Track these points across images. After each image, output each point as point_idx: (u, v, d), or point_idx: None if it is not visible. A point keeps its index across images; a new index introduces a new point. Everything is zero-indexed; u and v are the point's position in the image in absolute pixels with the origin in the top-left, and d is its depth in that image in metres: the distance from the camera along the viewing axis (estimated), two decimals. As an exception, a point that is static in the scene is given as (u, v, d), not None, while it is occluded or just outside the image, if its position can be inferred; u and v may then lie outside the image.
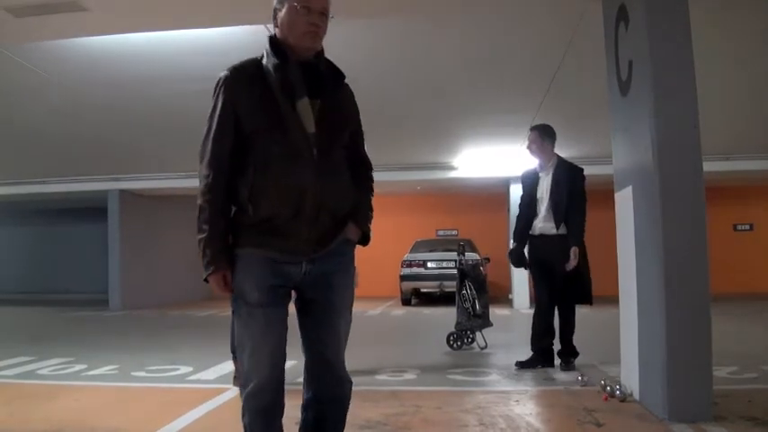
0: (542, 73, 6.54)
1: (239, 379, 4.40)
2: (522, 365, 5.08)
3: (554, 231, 5.01)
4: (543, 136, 5.14)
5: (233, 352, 4.26)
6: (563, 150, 10.45)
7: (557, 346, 5.11)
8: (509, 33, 5.55)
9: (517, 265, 5.44)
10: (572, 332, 5.06)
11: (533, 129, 5.27)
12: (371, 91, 7.35)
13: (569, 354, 5.03)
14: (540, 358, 5.09)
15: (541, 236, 5.10)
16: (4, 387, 4.70)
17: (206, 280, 2.07)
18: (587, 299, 5.08)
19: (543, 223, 5.07)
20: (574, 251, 4.86)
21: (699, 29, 3.67)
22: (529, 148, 5.22)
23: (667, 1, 3.53)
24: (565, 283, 4.99)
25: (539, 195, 5.13)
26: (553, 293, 5.08)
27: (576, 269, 4.93)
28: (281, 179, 1.99)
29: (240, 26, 5.20)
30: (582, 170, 5.14)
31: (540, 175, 5.18)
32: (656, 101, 3.46)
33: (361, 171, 2.26)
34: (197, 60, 5.99)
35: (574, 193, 4.99)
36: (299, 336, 2.18)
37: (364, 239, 2.22)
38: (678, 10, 3.50)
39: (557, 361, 5.09)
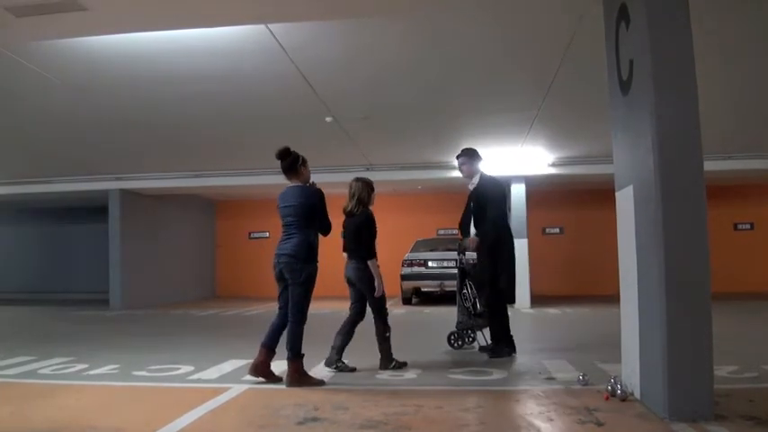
0: (543, 72, 6.54)
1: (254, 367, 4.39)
2: (484, 350, 5.92)
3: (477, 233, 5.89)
4: (472, 159, 6.07)
5: (291, 350, 4.37)
6: (563, 150, 10.60)
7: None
8: (510, 33, 5.56)
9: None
10: (495, 327, 5.76)
11: (462, 155, 6.11)
12: (373, 91, 7.38)
13: (493, 346, 5.74)
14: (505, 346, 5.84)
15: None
16: (4, 386, 4.70)
17: None
18: (508, 298, 5.99)
19: (472, 227, 5.95)
20: (471, 239, 5.79)
21: (699, 28, 3.66)
22: (460, 169, 6.16)
23: (668, 0, 3.53)
24: (483, 283, 5.81)
25: (471, 206, 6.01)
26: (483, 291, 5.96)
27: (488, 271, 5.72)
28: None
29: (240, 26, 5.21)
30: (494, 179, 6.05)
31: (470, 189, 6.08)
32: (656, 100, 3.46)
33: None
34: (197, 60, 5.99)
35: (486, 199, 5.83)
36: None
37: None
38: (678, 9, 3.50)
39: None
